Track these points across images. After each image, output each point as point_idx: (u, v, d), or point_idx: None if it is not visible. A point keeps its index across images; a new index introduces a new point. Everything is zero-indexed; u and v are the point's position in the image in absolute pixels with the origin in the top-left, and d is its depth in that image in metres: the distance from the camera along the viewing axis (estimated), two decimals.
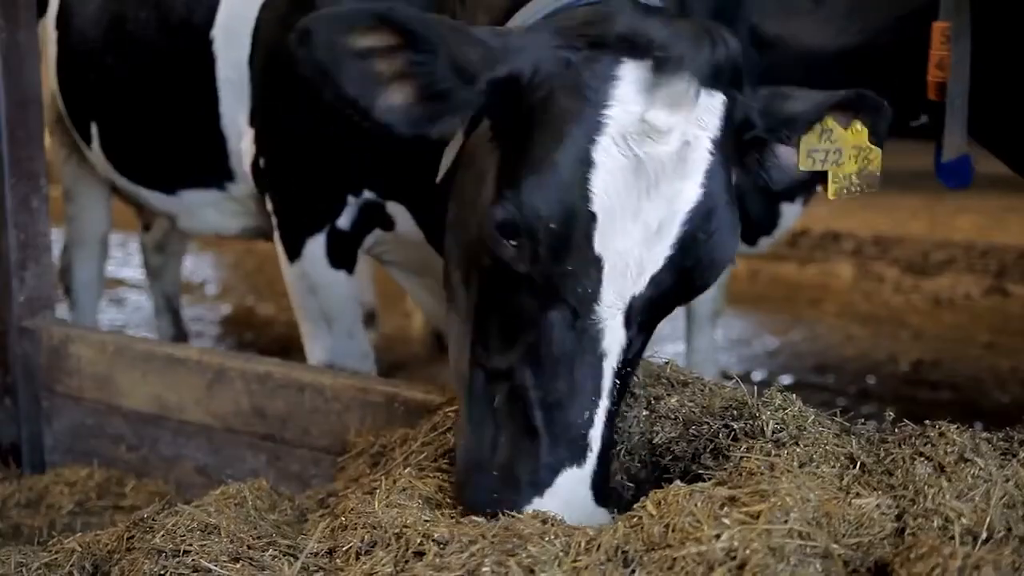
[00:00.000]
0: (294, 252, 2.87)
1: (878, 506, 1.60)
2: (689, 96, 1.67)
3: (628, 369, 1.76)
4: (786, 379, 5.00)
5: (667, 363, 2.03)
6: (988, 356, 5.28)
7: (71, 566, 1.86)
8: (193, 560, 1.71)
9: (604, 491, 1.73)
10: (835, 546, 1.50)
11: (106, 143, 3.43)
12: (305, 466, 2.54)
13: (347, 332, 2.94)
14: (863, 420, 1.96)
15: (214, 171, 3.12)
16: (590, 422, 1.70)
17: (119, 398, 2.82)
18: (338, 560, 1.70)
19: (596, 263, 1.67)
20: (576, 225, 1.66)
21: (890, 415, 1.93)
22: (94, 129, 3.45)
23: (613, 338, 1.70)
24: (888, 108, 1.90)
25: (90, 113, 3.45)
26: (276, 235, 2.94)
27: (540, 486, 1.69)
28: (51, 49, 3.53)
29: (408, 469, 1.90)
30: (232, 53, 2.91)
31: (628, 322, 1.71)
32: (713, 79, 1.71)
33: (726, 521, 1.48)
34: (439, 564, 1.56)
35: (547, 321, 1.71)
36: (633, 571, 1.48)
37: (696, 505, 1.53)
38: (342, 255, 2.85)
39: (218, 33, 2.94)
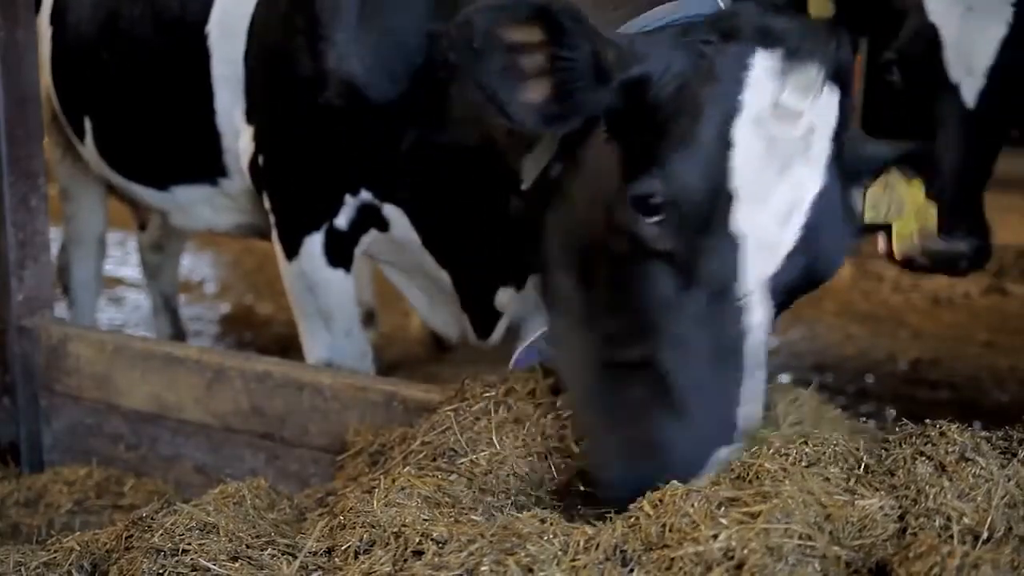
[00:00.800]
0: (292, 250, 2.87)
1: (881, 507, 1.60)
2: (817, 85, 1.74)
3: (765, 352, 1.78)
4: (785, 378, 4.99)
5: None
6: (987, 355, 5.27)
7: (70, 565, 1.86)
8: (192, 559, 1.71)
9: None
10: (835, 548, 1.50)
11: (99, 139, 3.43)
12: (304, 465, 2.54)
13: (345, 331, 2.94)
14: (864, 419, 1.96)
15: (207, 167, 3.12)
16: (736, 401, 1.73)
17: (118, 397, 2.82)
18: (337, 559, 1.70)
19: (737, 242, 1.72)
20: (717, 201, 1.71)
21: (892, 413, 1.93)
22: (87, 125, 3.44)
23: (754, 315, 1.74)
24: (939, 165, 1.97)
25: (84, 109, 3.45)
26: (274, 233, 2.93)
27: (693, 470, 1.70)
28: (45, 46, 3.52)
29: (407, 468, 1.90)
30: (227, 49, 2.90)
31: (766, 300, 1.75)
32: (835, 76, 1.77)
33: (724, 521, 1.48)
34: (438, 563, 1.56)
35: (688, 302, 1.74)
36: (631, 570, 1.48)
37: (693, 505, 1.53)
38: (339, 254, 2.85)
39: (213, 29, 2.94)
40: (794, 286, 1.79)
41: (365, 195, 2.74)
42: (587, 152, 1.95)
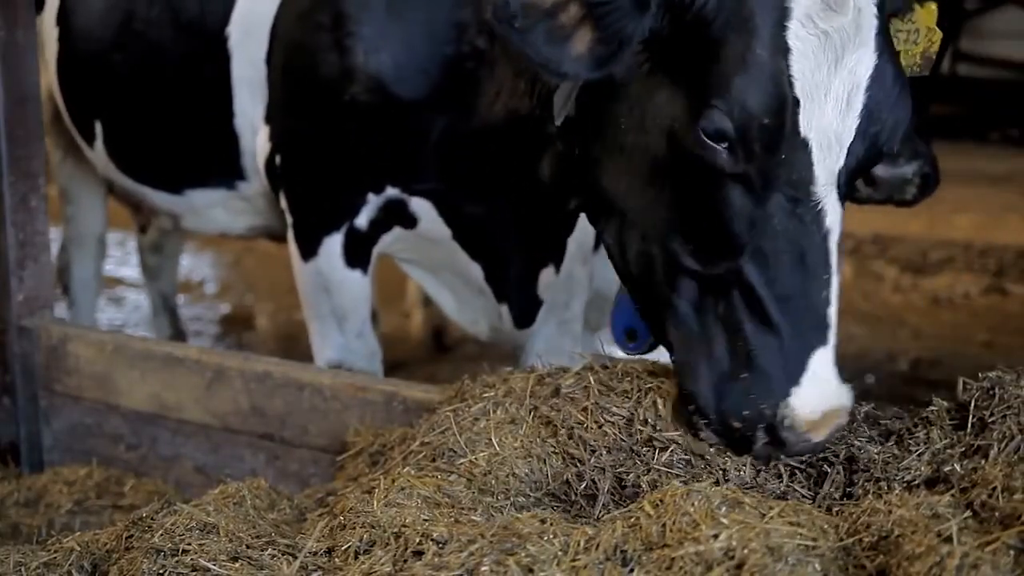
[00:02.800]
0: (309, 251, 2.84)
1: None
2: None
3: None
4: None
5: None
6: (987, 355, 5.27)
7: (70, 565, 1.86)
8: (192, 559, 1.71)
9: (839, 367, 1.80)
10: (835, 545, 1.50)
11: (110, 142, 3.40)
12: (304, 465, 2.54)
13: (357, 332, 2.92)
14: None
15: (224, 170, 3.10)
16: (828, 301, 1.79)
17: (118, 397, 2.82)
18: (337, 559, 1.70)
19: (805, 146, 1.76)
20: (784, 113, 1.75)
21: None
22: (98, 128, 3.41)
23: (833, 214, 1.79)
24: None
25: (94, 112, 3.42)
26: (290, 233, 2.90)
27: (796, 374, 1.76)
28: (51, 47, 3.50)
29: (407, 468, 1.90)
30: (248, 50, 2.88)
31: (840, 196, 1.79)
32: None
33: (724, 521, 1.48)
34: (438, 563, 1.56)
35: (768, 214, 1.79)
36: (632, 570, 1.48)
37: (693, 505, 1.53)
38: (358, 255, 2.82)
39: (234, 30, 2.92)
40: (862, 167, 1.84)
41: (391, 191, 2.71)
42: (630, 95, 1.97)
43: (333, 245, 2.80)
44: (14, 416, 2.94)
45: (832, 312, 1.80)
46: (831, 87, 1.75)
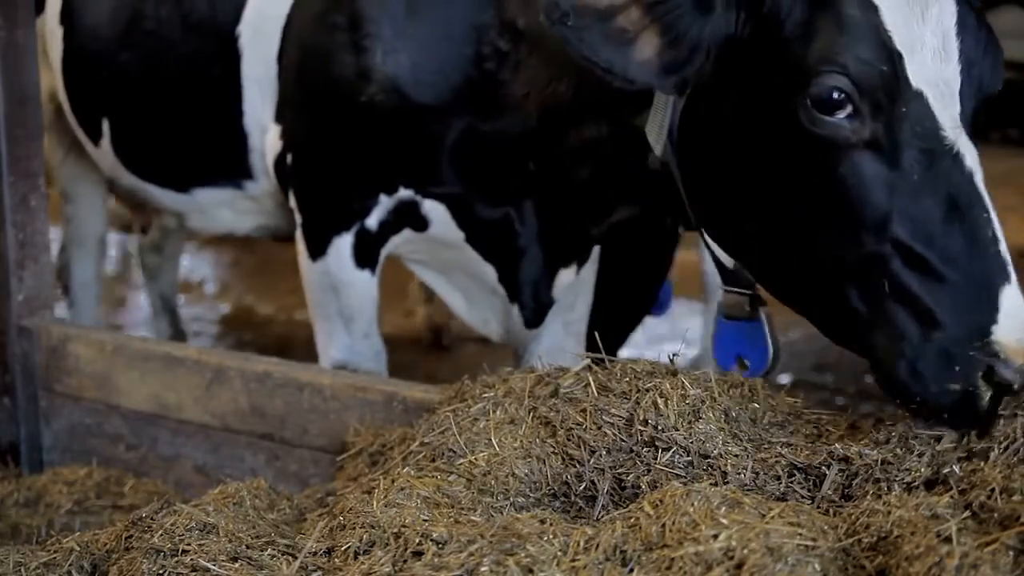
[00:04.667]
0: (318, 250, 2.82)
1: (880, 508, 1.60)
2: None
3: None
4: (785, 378, 4.99)
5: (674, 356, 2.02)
6: None
7: (69, 565, 1.86)
8: (192, 559, 1.71)
9: None
10: (834, 546, 1.50)
11: (117, 140, 3.38)
12: (304, 465, 2.54)
13: (364, 332, 2.90)
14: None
15: (232, 169, 3.08)
16: (996, 238, 1.78)
17: (118, 397, 2.82)
18: (336, 560, 1.70)
19: (920, 96, 1.78)
20: (894, 67, 1.78)
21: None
22: (105, 126, 3.38)
23: (970, 154, 1.80)
24: None
25: (100, 110, 3.40)
26: (298, 232, 2.89)
27: (991, 312, 1.73)
28: (56, 46, 3.48)
29: (407, 468, 1.90)
30: (260, 50, 2.87)
31: (970, 137, 1.81)
32: None
33: (724, 521, 1.48)
34: (437, 564, 1.56)
35: (906, 173, 1.79)
36: (631, 570, 1.48)
37: (692, 505, 1.53)
38: (368, 255, 2.81)
39: (245, 29, 2.91)
40: (975, 111, 1.85)
41: (404, 193, 2.69)
42: (714, 101, 1.98)
43: (343, 245, 2.78)
44: (14, 416, 2.94)
45: (1004, 249, 1.78)
46: (925, 38, 1.79)
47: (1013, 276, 1.76)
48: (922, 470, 1.75)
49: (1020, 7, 11.07)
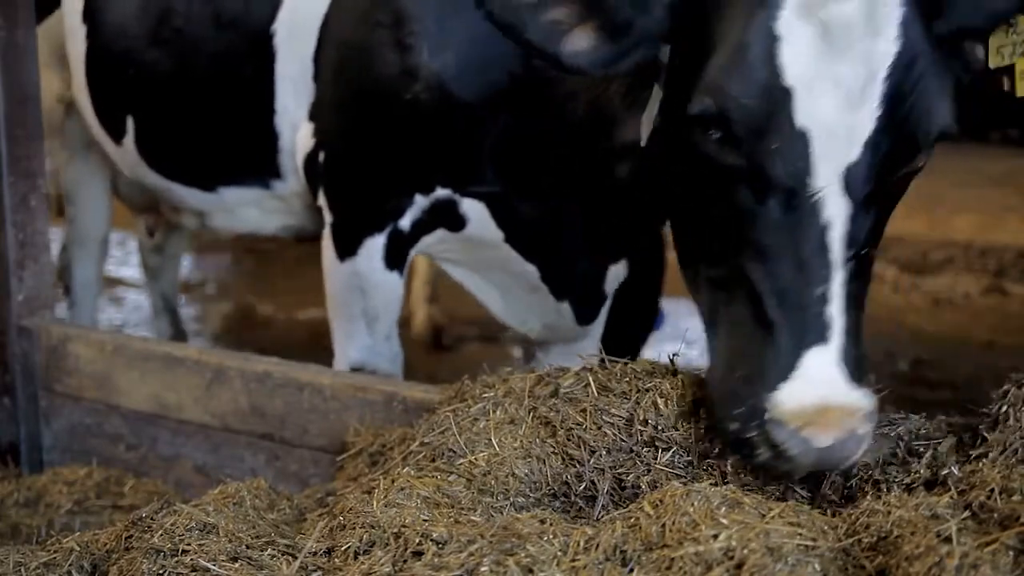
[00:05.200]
0: (348, 250, 2.79)
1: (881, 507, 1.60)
2: None
3: (864, 248, 1.74)
4: None
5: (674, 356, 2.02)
6: (987, 355, 5.28)
7: (69, 565, 1.86)
8: (191, 559, 1.71)
9: (855, 369, 1.70)
10: (834, 546, 1.50)
11: (141, 138, 3.35)
12: (304, 465, 2.54)
13: (386, 334, 2.87)
14: None
15: (261, 168, 3.07)
16: (826, 298, 1.70)
17: (118, 397, 2.82)
18: (336, 560, 1.70)
19: (803, 137, 1.69)
20: (774, 101, 1.69)
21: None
22: (129, 124, 3.36)
23: (834, 208, 1.70)
24: None
25: (125, 108, 3.37)
26: (327, 231, 2.85)
27: (786, 370, 1.68)
28: (78, 44, 3.45)
29: (407, 468, 1.90)
30: (295, 49, 2.86)
31: (849, 191, 1.70)
32: None
33: (724, 521, 1.48)
34: (437, 564, 1.56)
35: (764, 207, 1.73)
36: (631, 570, 1.48)
37: (692, 505, 1.53)
38: (398, 256, 2.78)
39: (280, 28, 2.89)
40: (895, 161, 1.74)
41: (441, 192, 2.67)
42: (664, 97, 1.98)
43: (374, 247, 2.75)
44: (14, 416, 2.95)
45: (832, 310, 1.71)
46: (839, 77, 1.69)
47: (833, 342, 1.69)
48: (922, 471, 1.75)
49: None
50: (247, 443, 2.62)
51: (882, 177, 1.74)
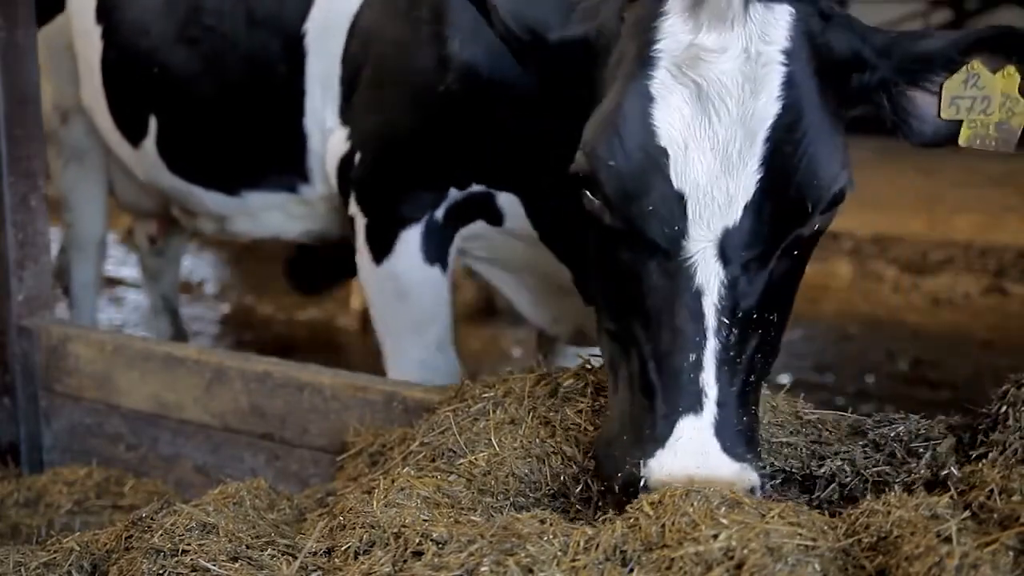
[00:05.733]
0: (384, 250, 2.72)
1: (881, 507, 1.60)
2: (734, 9, 1.65)
3: (754, 313, 1.67)
4: (785, 378, 5.00)
5: None
6: (987, 355, 5.28)
7: (69, 565, 1.86)
8: (192, 559, 1.71)
9: (737, 441, 1.64)
10: (834, 546, 1.50)
11: (163, 140, 3.28)
12: (304, 465, 2.54)
13: (438, 342, 2.78)
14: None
15: (289, 171, 3.02)
16: (699, 365, 1.64)
17: (118, 397, 2.82)
18: (337, 560, 1.70)
19: (678, 199, 1.65)
20: (648, 163, 1.65)
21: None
22: (152, 125, 3.29)
23: (708, 273, 1.65)
24: None
25: (147, 108, 3.30)
26: (361, 238, 2.79)
27: (660, 439, 1.63)
28: (92, 45, 3.39)
29: (407, 468, 1.90)
30: (325, 48, 2.82)
31: (726, 256, 1.65)
32: None
33: (723, 521, 1.48)
34: (437, 564, 1.56)
35: (643, 268, 1.69)
36: (631, 571, 1.48)
37: (692, 506, 1.53)
38: (437, 249, 2.70)
39: (312, 27, 2.86)
40: (780, 225, 1.66)
41: (476, 187, 2.64)
42: None
43: (411, 239, 2.68)
44: (14, 416, 2.94)
45: (706, 377, 1.64)
46: (715, 139, 1.64)
47: (707, 411, 1.63)
48: (922, 471, 1.76)
49: (1020, 7, 11.04)
50: (247, 443, 2.62)
51: (768, 242, 1.67)
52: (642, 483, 1.62)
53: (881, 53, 1.77)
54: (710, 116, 1.64)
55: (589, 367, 2.04)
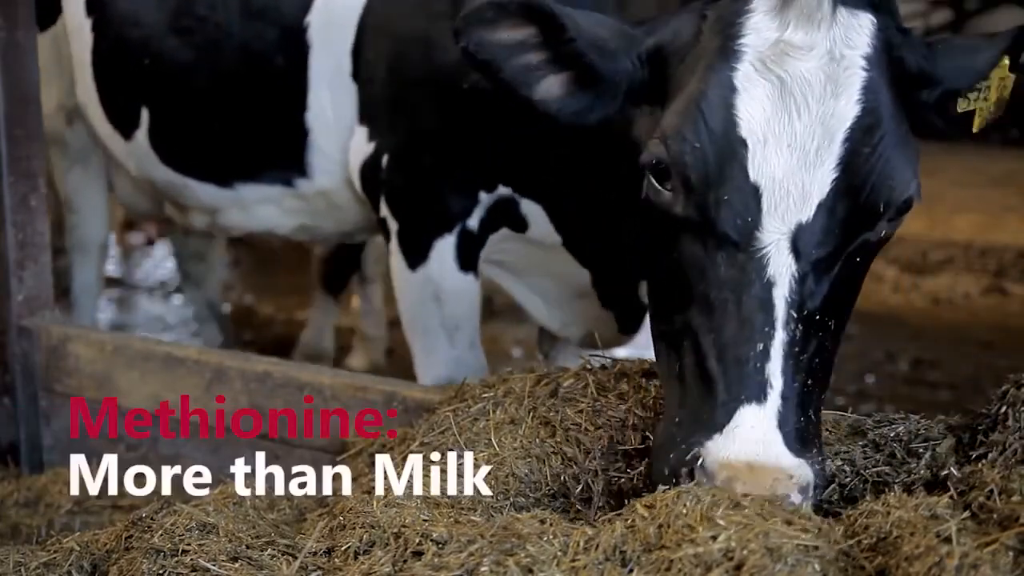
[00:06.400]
0: (419, 256, 2.72)
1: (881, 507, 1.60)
2: (823, 11, 1.68)
3: (818, 315, 1.68)
4: None
5: None
6: (987, 355, 5.28)
7: (69, 565, 1.86)
8: (191, 559, 1.71)
9: (797, 436, 1.64)
10: (834, 546, 1.50)
11: (155, 131, 3.24)
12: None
13: (469, 342, 2.79)
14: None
15: (286, 165, 2.98)
16: (766, 355, 1.64)
17: (118, 397, 2.82)
18: (337, 560, 1.70)
19: (754, 191, 1.66)
20: (726, 152, 1.66)
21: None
22: (144, 116, 3.25)
23: (781, 266, 1.66)
24: None
25: (139, 99, 3.25)
26: (394, 242, 2.77)
27: (717, 425, 1.62)
28: (82, 39, 3.35)
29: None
30: (331, 42, 2.78)
31: (798, 252, 1.66)
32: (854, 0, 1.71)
33: (722, 522, 1.48)
34: (437, 564, 1.56)
35: (711, 259, 1.69)
36: (631, 571, 1.48)
37: (685, 507, 1.52)
38: (470, 256, 2.71)
39: (315, 19, 2.82)
40: (851, 226, 1.69)
41: (503, 190, 2.62)
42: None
43: (446, 248, 2.68)
44: (14, 416, 2.94)
45: (772, 368, 1.64)
46: (794, 135, 1.65)
47: (771, 402, 1.63)
48: (921, 471, 1.76)
49: (1020, 7, 11.04)
50: (247, 443, 2.62)
51: (838, 242, 1.69)
52: (699, 463, 1.61)
53: (946, 69, 1.81)
54: (791, 112, 1.67)
55: (589, 367, 2.04)
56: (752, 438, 1.62)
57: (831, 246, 1.69)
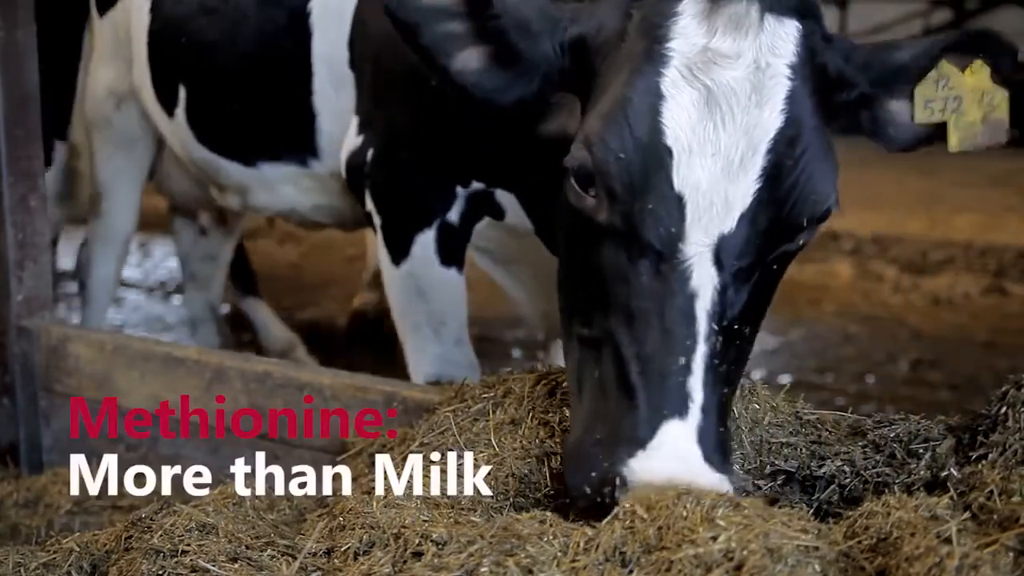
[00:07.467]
0: (401, 251, 2.73)
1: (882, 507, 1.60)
2: (751, 19, 1.66)
3: (736, 324, 1.67)
4: (785, 379, 5.00)
5: None
6: (987, 355, 5.28)
7: (69, 566, 1.86)
8: (191, 560, 1.71)
9: (716, 448, 1.63)
10: (834, 547, 1.50)
11: (190, 109, 3.32)
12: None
13: (456, 339, 2.79)
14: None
15: (299, 146, 3.04)
16: (687, 369, 1.63)
17: (118, 397, 2.82)
18: (336, 560, 1.70)
19: (677, 200, 1.64)
20: (651, 160, 1.64)
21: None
22: (181, 93, 3.33)
23: (703, 278, 1.64)
24: (1012, 45, 1.79)
25: (178, 76, 3.34)
26: (379, 238, 2.79)
27: (640, 442, 1.60)
28: (142, 17, 3.42)
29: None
30: (329, 29, 2.83)
31: (720, 263, 1.65)
32: (780, 6, 1.68)
33: (722, 523, 1.48)
34: (437, 564, 1.56)
35: (633, 269, 1.66)
36: (631, 572, 1.48)
37: (685, 507, 1.52)
38: (452, 251, 2.71)
39: (316, 6, 2.87)
40: (772, 238, 1.67)
41: (477, 184, 2.63)
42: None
43: (427, 243, 2.69)
44: (14, 416, 2.95)
45: (694, 382, 1.63)
46: (719, 144, 1.63)
47: (692, 417, 1.62)
48: (921, 472, 1.76)
49: (1020, 7, 11.04)
50: (247, 443, 2.62)
51: (759, 253, 1.68)
52: (619, 483, 1.59)
53: (860, 69, 1.80)
54: (716, 121, 1.64)
55: None
56: (674, 455, 1.61)
57: (752, 257, 1.67)
